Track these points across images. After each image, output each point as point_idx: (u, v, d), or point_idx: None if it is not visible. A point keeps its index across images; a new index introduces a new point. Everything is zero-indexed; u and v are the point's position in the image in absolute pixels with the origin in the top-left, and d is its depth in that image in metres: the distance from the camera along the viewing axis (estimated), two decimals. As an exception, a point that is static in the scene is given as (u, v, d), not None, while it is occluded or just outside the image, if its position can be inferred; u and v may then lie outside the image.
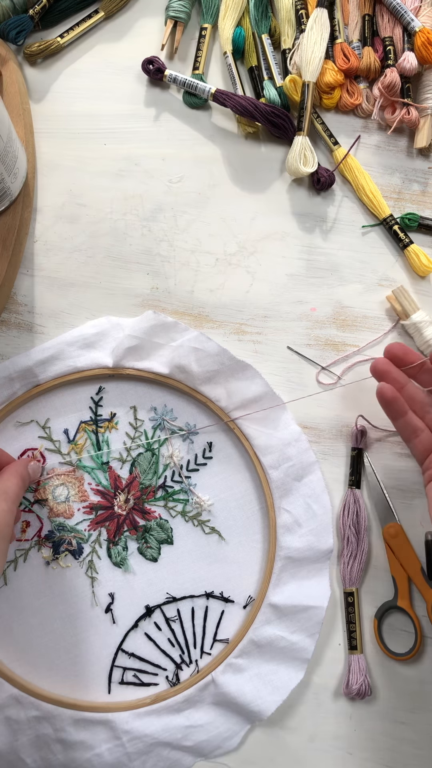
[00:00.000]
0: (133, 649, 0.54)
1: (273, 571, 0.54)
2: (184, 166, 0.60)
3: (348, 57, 0.61)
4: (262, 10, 0.62)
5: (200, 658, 0.54)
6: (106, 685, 0.53)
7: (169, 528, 0.55)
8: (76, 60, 0.62)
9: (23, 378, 0.55)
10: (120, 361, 0.55)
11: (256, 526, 0.55)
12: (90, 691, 0.53)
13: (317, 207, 0.61)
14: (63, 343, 0.55)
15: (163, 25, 0.63)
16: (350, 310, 0.59)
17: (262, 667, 0.53)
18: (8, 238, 0.55)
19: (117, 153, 0.60)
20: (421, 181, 0.61)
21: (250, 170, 0.61)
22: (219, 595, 0.55)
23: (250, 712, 0.52)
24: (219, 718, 0.52)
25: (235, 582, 0.55)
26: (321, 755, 0.54)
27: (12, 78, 0.58)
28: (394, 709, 0.54)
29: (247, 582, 0.55)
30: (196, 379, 0.55)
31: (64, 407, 0.56)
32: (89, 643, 0.54)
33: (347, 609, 0.55)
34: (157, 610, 0.54)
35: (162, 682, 0.54)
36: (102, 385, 0.56)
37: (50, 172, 0.59)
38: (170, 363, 0.55)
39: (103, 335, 0.56)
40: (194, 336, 0.56)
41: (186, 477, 0.56)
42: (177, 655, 0.54)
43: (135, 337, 0.55)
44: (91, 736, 0.51)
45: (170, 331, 0.56)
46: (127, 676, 0.54)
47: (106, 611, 0.54)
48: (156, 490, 0.56)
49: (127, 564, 0.55)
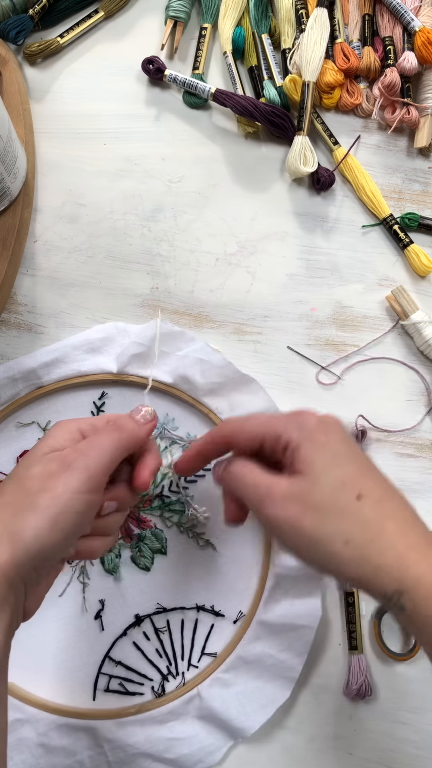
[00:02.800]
0: (120, 657, 0.54)
1: (265, 588, 0.53)
2: (184, 166, 0.60)
3: (348, 57, 0.61)
4: (262, 9, 0.62)
5: (187, 670, 0.54)
6: (92, 692, 0.53)
7: (163, 538, 0.55)
8: (76, 60, 0.62)
9: (27, 379, 0.54)
10: (124, 368, 0.55)
11: (251, 542, 0.55)
12: (75, 697, 0.53)
13: (317, 207, 0.61)
14: (68, 347, 0.55)
15: (163, 25, 0.63)
16: (350, 310, 0.59)
17: (248, 683, 0.52)
18: (8, 238, 0.55)
19: (117, 153, 0.60)
20: (421, 180, 0.61)
21: (250, 170, 0.61)
22: (210, 608, 0.54)
23: (233, 728, 0.52)
24: (202, 732, 0.52)
25: (226, 596, 0.54)
26: (321, 755, 0.54)
27: (12, 78, 0.58)
28: (395, 710, 0.54)
29: (239, 597, 0.54)
30: (200, 390, 0.55)
31: (66, 410, 0.56)
32: (77, 648, 0.53)
33: (347, 609, 0.55)
34: (147, 619, 0.54)
35: (147, 693, 0.53)
36: (105, 390, 0.56)
37: (50, 172, 0.59)
38: (174, 372, 0.55)
39: (109, 341, 0.56)
40: (200, 347, 0.55)
41: (183, 488, 0.55)
42: (164, 666, 0.54)
43: (140, 344, 0.55)
44: (73, 742, 0.51)
45: (176, 340, 0.56)
46: (112, 684, 0.53)
47: (96, 618, 0.54)
48: (153, 499, 0.55)
49: (119, 571, 0.54)
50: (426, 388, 0.58)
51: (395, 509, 0.39)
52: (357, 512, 0.38)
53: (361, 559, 0.37)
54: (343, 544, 0.37)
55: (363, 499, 0.39)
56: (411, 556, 0.37)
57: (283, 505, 0.39)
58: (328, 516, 0.38)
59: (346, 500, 0.39)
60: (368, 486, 0.39)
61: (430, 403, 0.58)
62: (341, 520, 0.38)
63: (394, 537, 0.38)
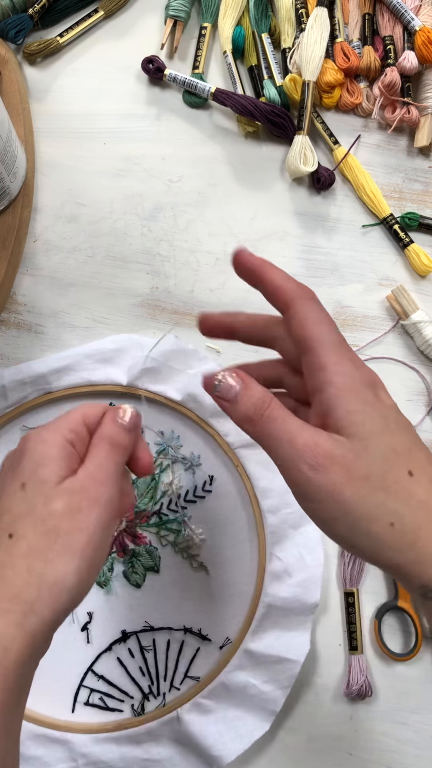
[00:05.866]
0: (103, 671, 0.53)
1: (255, 617, 0.53)
2: (184, 166, 0.60)
3: (348, 56, 0.60)
4: (261, 9, 0.62)
5: (168, 691, 0.53)
6: (71, 704, 0.53)
7: (157, 556, 0.54)
8: (75, 59, 0.62)
9: (36, 384, 0.54)
10: (134, 381, 0.55)
11: (245, 569, 0.54)
12: (54, 707, 0.52)
13: (317, 206, 0.60)
14: (81, 355, 0.55)
15: (162, 25, 0.63)
16: (350, 309, 0.59)
17: (229, 711, 0.52)
18: (8, 238, 0.55)
19: (117, 152, 0.60)
20: (421, 180, 0.61)
21: (250, 170, 0.61)
22: (197, 631, 0.54)
23: (209, 756, 0.51)
24: (177, 757, 0.51)
25: (214, 621, 0.54)
26: (321, 756, 0.53)
27: (11, 77, 0.58)
28: (395, 710, 0.54)
29: (227, 623, 0.54)
30: (207, 411, 0.54)
31: None
32: (60, 658, 0.53)
33: (347, 609, 0.55)
34: (133, 636, 0.54)
35: (127, 710, 0.53)
36: (113, 401, 0.56)
37: (50, 172, 0.59)
38: (184, 390, 0.55)
39: (122, 352, 0.55)
40: (211, 367, 0.55)
41: (182, 507, 0.55)
42: (146, 685, 0.53)
43: (152, 359, 0.55)
44: (47, 753, 0.51)
45: (189, 358, 0.56)
46: (93, 698, 0.53)
47: (83, 629, 0.54)
48: (150, 515, 0.55)
49: (110, 585, 0.54)
50: (426, 388, 0.58)
51: None
52: (408, 490, 0.33)
53: (406, 545, 0.33)
54: (388, 526, 0.33)
55: (415, 476, 0.34)
56: None
57: (324, 469, 0.33)
58: (375, 490, 0.33)
59: (397, 475, 0.34)
60: (421, 462, 0.34)
61: (430, 403, 0.58)
62: (389, 497, 0.33)
63: None
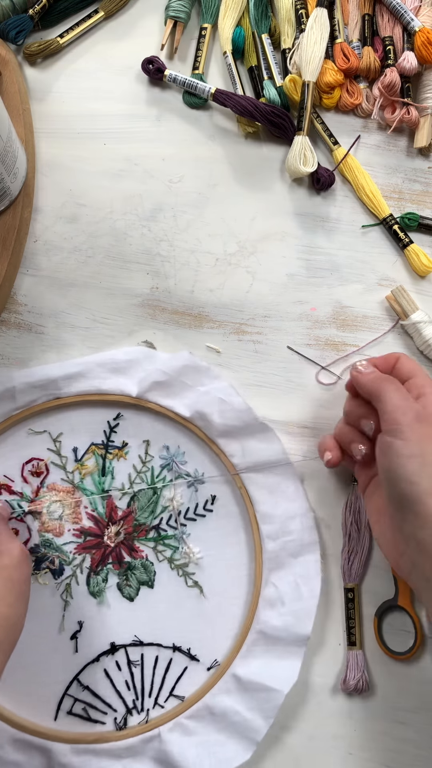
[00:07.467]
0: (88, 682, 0.53)
1: (245, 642, 0.52)
2: (184, 166, 0.60)
3: (348, 57, 0.61)
4: (261, 9, 0.62)
5: (152, 708, 0.53)
6: (54, 712, 0.53)
7: (152, 571, 0.54)
8: (76, 60, 0.62)
9: (45, 388, 0.54)
10: (144, 393, 0.55)
11: (239, 592, 0.54)
12: (37, 713, 0.52)
13: (317, 207, 0.61)
14: (93, 363, 0.55)
15: (162, 25, 0.63)
16: (350, 310, 0.59)
17: (210, 735, 0.51)
18: (8, 238, 0.55)
19: (117, 153, 0.60)
20: (421, 180, 0.61)
21: (250, 170, 0.61)
22: (186, 650, 0.54)
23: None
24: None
25: (204, 641, 0.54)
26: (321, 755, 0.54)
27: (12, 78, 0.58)
28: (395, 709, 0.54)
29: (217, 645, 0.54)
30: (215, 430, 0.54)
31: (80, 425, 0.55)
32: (47, 665, 0.53)
33: (347, 605, 0.55)
34: (122, 649, 0.54)
35: (109, 723, 0.53)
36: (121, 412, 0.56)
37: (50, 172, 0.59)
38: (193, 407, 0.55)
39: (134, 363, 0.55)
40: (222, 386, 0.55)
41: (182, 524, 0.55)
42: (130, 700, 0.53)
43: (164, 373, 0.55)
44: (26, 759, 0.50)
45: (201, 375, 0.56)
46: (76, 707, 0.53)
47: (72, 638, 0.54)
48: (149, 530, 0.55)
49: (103, 596, 0.54)
50: (426, 388, 0.58)
51: None
52: None
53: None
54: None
55: None
56: None
57: (420, 441, 0.44)
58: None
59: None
60: None
61: (430, 402, 0.58)
62: None
63: None
